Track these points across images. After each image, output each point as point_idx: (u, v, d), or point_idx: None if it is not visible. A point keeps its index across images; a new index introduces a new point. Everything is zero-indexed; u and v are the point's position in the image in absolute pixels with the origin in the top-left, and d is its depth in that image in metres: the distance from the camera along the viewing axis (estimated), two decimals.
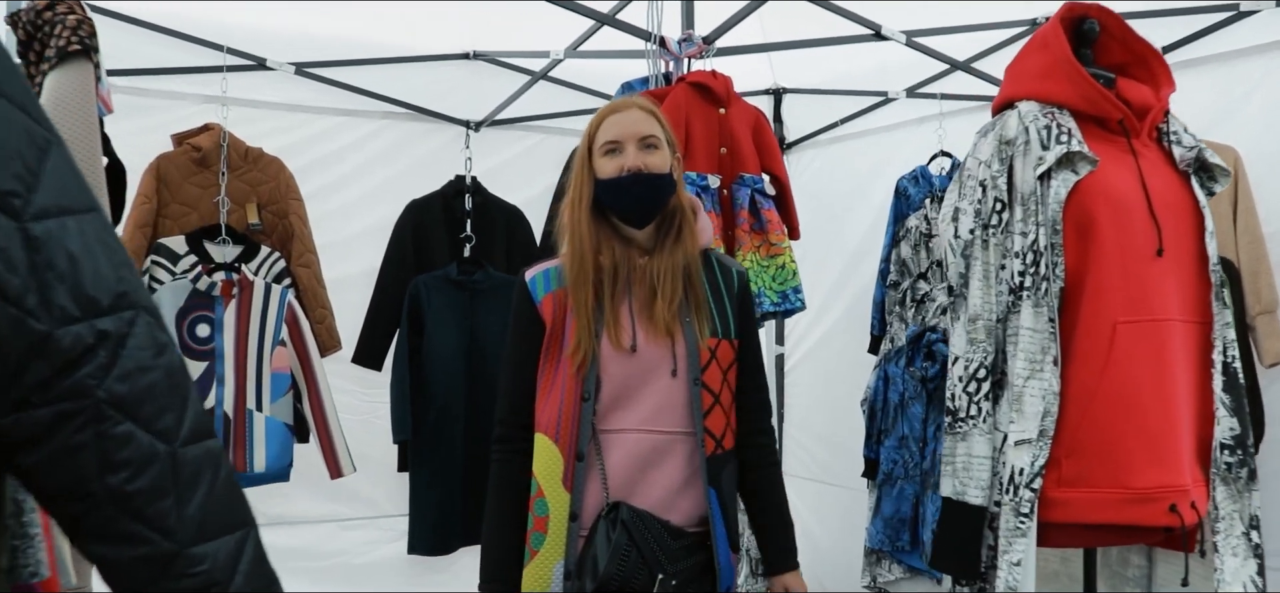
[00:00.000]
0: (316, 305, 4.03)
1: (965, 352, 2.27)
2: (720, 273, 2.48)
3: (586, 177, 2.40)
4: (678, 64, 3.47)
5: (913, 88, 4.62)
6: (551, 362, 2.36)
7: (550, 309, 2.37)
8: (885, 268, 4.55)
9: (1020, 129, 2.28)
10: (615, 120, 2.40)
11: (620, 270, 2.36)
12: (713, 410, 2.36)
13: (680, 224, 2.41)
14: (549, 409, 2.33)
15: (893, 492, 4.30)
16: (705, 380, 2.35)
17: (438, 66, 4.41)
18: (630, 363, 2.31)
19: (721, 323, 2.41)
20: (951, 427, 2.28)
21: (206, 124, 3.98)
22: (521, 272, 2.46)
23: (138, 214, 3.78)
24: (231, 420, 3.77)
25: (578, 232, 2.38)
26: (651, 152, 2.38)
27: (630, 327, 2.33)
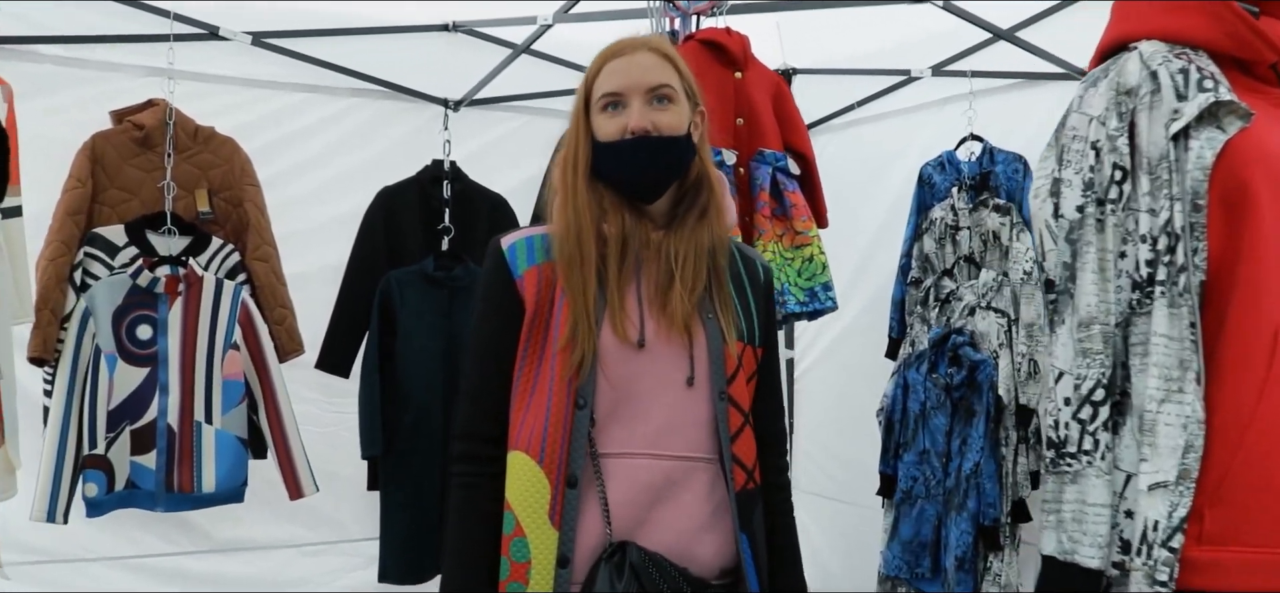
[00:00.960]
0: (275, 304, 3.60)
1: (1074, 366, 1.69)
2: (743, 264, 2.00)
3: (583, 136, 1.88)
4: (685, 21, 2.92)
5: (939, 65, 4.17)
6: (533, 357, 1.85)
7: (533, 287, 1.86)
8: (906, 263, 4.16)
9: (1144, 75, 1.69)
10: (618, 67, 1.87)
11: (630, 244, 1.86)
12: (742, 433, 1.88)
13: (707, 198, 1.91)
14: (531, 420, 1.81)
15: (912, 513, 3.92)
16: (732, 394, 1.86)
17: (413, 39, 4.00)
18: (636, 363, 1.82)
19: (747, 325, 1.93)
20: (1056, 464, 1.69)
21: (150, 99, 3.55)
22: (496, 238, 1.92)
23: (69, 200, 3.35)
24: (177, 434, 3.37)
25: (574, 200, 1.86)
26: (664, 107, 1.87)
27: (638, 316, 1.84)
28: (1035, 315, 3.71)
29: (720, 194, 1.94)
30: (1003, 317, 3.77)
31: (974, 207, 3.95)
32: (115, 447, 3.28)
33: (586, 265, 1.83)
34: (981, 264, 3.92)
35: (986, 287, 3.83)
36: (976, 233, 3.94)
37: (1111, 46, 1.83)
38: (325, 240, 3.93)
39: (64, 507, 3.22)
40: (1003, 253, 3.85)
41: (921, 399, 3.90)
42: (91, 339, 3.28)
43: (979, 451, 3.71)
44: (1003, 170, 3.98)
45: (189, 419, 3.37)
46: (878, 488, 4.06)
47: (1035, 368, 3.69)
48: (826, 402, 4.83)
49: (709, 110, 2.71)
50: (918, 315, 4.07)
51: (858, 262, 4.56)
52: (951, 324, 3.90)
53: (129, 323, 3.34)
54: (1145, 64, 1.70)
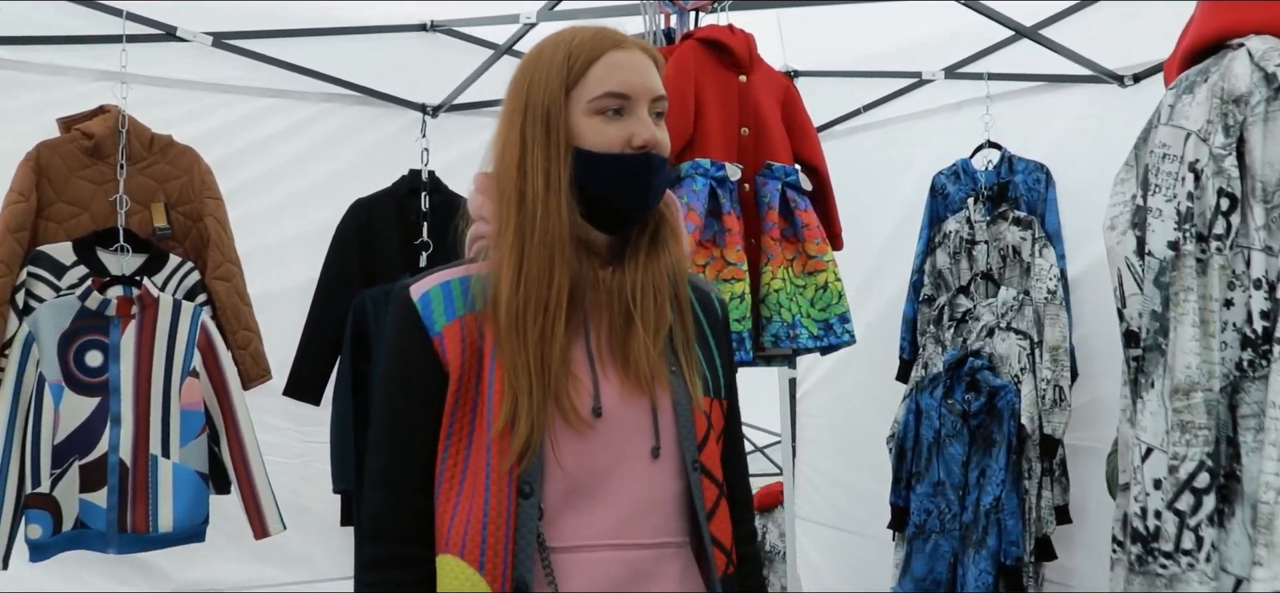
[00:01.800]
0: (239, 327, 3.35)
1: (1169, 442, 1.33)
2: (698, 302, 1.66)
3: (558, 140, 1.50)
4: (682, 18, 2.58)
5: (954, 66, 3.88)
6: (460, 434, 1.49)
7: (456, 347, 1.49)
8: (918, 279, 3.90)
9: (1256, 78, 1.34)
10: (622, 63, 1.52)
11: (578, 291, 1.50)
12: (718, 509, 1.57)
13: (658, 222, 1.57)
14: (465, 514, 1.46)
15: (925, 548, 3.67)
16: (705, 463, 1.55)
17: (387, 39, 3.78)
18: (591, 437, 1.48)
19: (711, 375, 1.60)
20: (1144, 563, 1.33)
21: (101, 106, 3.29)
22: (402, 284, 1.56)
23: (10, 215, 3.09)
24: (130, 469, 3.12)
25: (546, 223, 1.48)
26: (659, 123, 1.55)
27: (591, 380, 1.48)
28: (1060, 338, 3.45)
29: (672, 216, 1.59)
30: (1025, 338, 3.51)
31: (991, 219, 3.68)
32: (62, 484, 3.01)
33: (551, 316, 1.47)
34: (1000, 281, 3.66)
35: (1006, 306, 3.55)
36: (994, 247, 3.67)
37: (1203, 44, 1.48)
38: (293, 257, 3.69)
39: (3, 550, 2.95)
40: (1024, 269, 3.58)
41: (935, 426, 3.65)
42: (35, 367, 3.01)
43: (999, 484, 3.46)
44: (1023, 180, 3.71)
45: (144, 453, 3.11)
46: (888, 520, 3.79)
47: (1060, 394, 3.44)
48: (831, 425, 4.57)
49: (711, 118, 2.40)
50: (931, 335, 3.81)
51: (865, 277, 4.29)
52: (968, 346, 3.63)
53: (77, 349, 3.08)
54: (1257, 65, 1.35)
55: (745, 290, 2.45)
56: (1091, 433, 3.49)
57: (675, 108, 2.41)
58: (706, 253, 2.42)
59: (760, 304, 2.52)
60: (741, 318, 2.43)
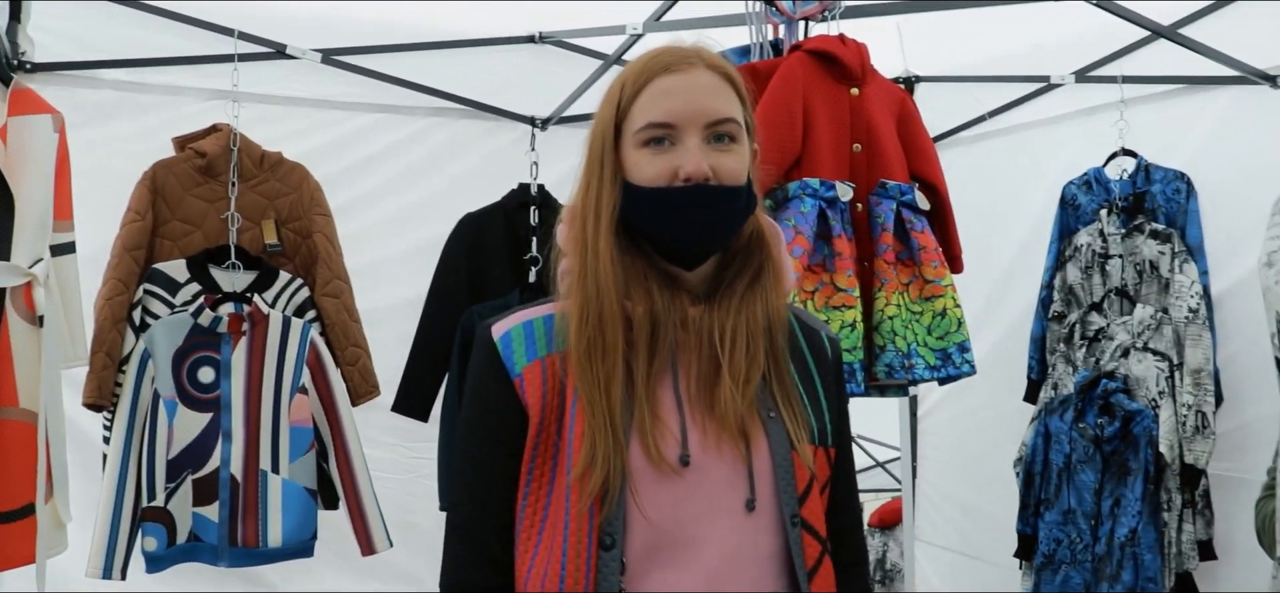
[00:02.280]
0: (347, 343, 3.34)
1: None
2: (806, 340, 1.53)
3: (608, 177, 1.43)
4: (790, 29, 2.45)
5: (1084, 69, 3.69)
6: (541, 479, 1.41)
7: (537, 388, 1.42)
8: (1047, 296, 3.74)
9: None
10: (669, 88, 1.41)
11: (662, 326, 1.40)
12: (821, 567, 1.44)
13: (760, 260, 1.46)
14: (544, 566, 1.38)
15: (1055, 579, 3.51)
16: (806, 518, 1.42)
17: (496, 52, 3.79)
18: (678, 486, 1.38)
19: (817, 421, 1.47)
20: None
21: (214, 125, 3.33)
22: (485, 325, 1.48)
23: (128, 234, 3.14)
24: (241, 485, 3.14)
25: (594, 267, 1.41)
26: (726, 147, 1.42)
27: (678, 425, 1.39)
28: (1203, 360, 3.25)
29: (777, 253, 1.48)
30: (1163, 360, 3.32)
31: (1127, 232, 3.49)
32: (176, 498, 3.05)
33: (610, 358, 1.38)
34: (1136, 298, 3.47)
35: (1143, 324, 3.37)
36: (1130, 262, 3.48)
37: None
38: (402, 273, 3.71)
39: (122, 562, 2.99)
40: (1162, 286, 3.39)
41: (1066, 451, 3.49)
42: (150, 383, 3.04)
43: (1135, 515, 3.29)
44: (1161, 190, 3.52)
45: (254, 468, 3.14)
46: (1015, 548, 3.63)
47: (1203, 421, 3.25)
48: (954, 445, 4.42)
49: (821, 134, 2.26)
50: (1061, 354, 3.64)
51: (989, 293, 4.13)
52: (1101, 367, 3.45)
53: (190, 365, 3.11)
54: None
55: (857, 319, 2.30)
56: (1240, 463, 3.28)
57: (782, 124, 2.29)
58: (815, 279, 2.28)
59: (873, 332, 2.37)
60: (852, 348, 2.28)
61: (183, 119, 3.37)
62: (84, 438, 3.19)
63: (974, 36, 3.80)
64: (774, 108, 2.29)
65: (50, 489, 2.69)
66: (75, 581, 3.04)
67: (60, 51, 3.24)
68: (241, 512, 3.11)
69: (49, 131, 2.74)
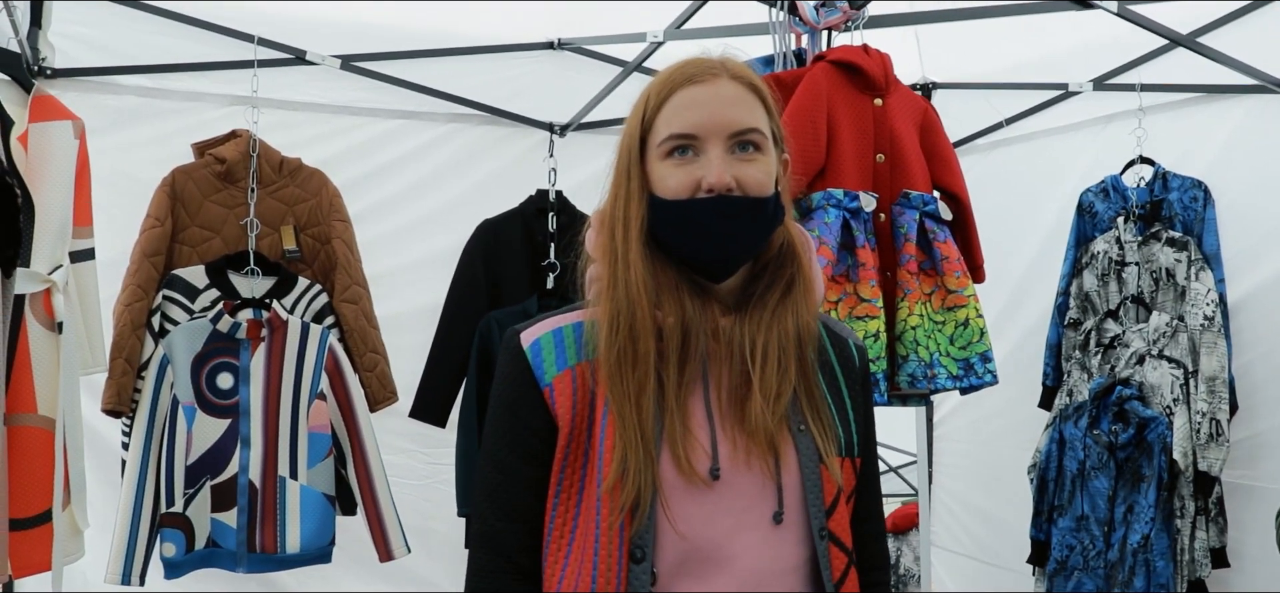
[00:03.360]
0: (366, 349, 3.33)
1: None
2: (834, 350, 1.52)
3: (636, 189, 1.41)
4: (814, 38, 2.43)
5: (1102, 77, 3.66)
6: (570, 489, 1.40)
7: (567, 398, 1.40)
8: (1063, 302, 3.71)
9: None
10: (693, 99, 1.39)
11: (693, 337, 1.39)
12: (847, 578, 1.44)
13: (791, 272, 1.44)
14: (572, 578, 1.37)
15: (1067, 585, 3.50)
16: (833, 530, 1.43)
17: (514, 59, 3.78)
18: (708, 500, 1.37)
19: (844, 433, 1.46)
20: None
21: (233, 131, 3.32)
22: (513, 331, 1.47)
23: (147, 240, 3.13)
24: (259, 491, 3.14)
25: (625, 277, 1.39)
26: (750, 156, 1.40)
27: (708, 438, 1.38)
28: (1218, 368, 3.23)
29: (808, 264, 1.46)
30: (1178, 367, 3.30)
31: (1143, 240, 3.46)
32: (195, 504, 3.04)
33: (641, 368, 1.36)
34: (1152, 306, 3.44)
35: (1158, 332, 3.34)
36: (1146, 269, 3.46)
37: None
38: (420, 279, 3.70)
39: (140, 568, 2.98)
40: (1178, 294, 3.36)
41: (1080, 458, 3.46)
42: (169, 389, 3.03)
43: (1149, 521, 3.27)
44: (1178, 198, 3.49)
45: (272, 474, 3.13)
46: (1028, 554, 3.60)
47: (1217, 428, 3.22)
48: (969, 451, 4.39)
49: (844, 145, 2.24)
50: (1076, 361, 3.61)
51: (1007, 299, 4.10)
52: (1116, 374, 3.43)
53: (209, 371, 3.10)
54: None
55: (880, 329, 2.29)
56: (1254, 471, 3.26)
57: (805, 135, 2.28)
58: (839, 289, 2.27)
59: (896, 342, 2.36)
60: (876, 358, 2.27)
61: (202, 125, 3.36)
62: (103, 444, 3.20)
63: (992, 44, 3.74)
64: (798, 118, 2.28)
65: (68, 496, 2.69)
66: (94, 586, 3.03)
67: (81, 57, 3.23)
68: (260, 518, 3.10)
69: (69, 138, 2.74)
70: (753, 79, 1.45)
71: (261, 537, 3.09)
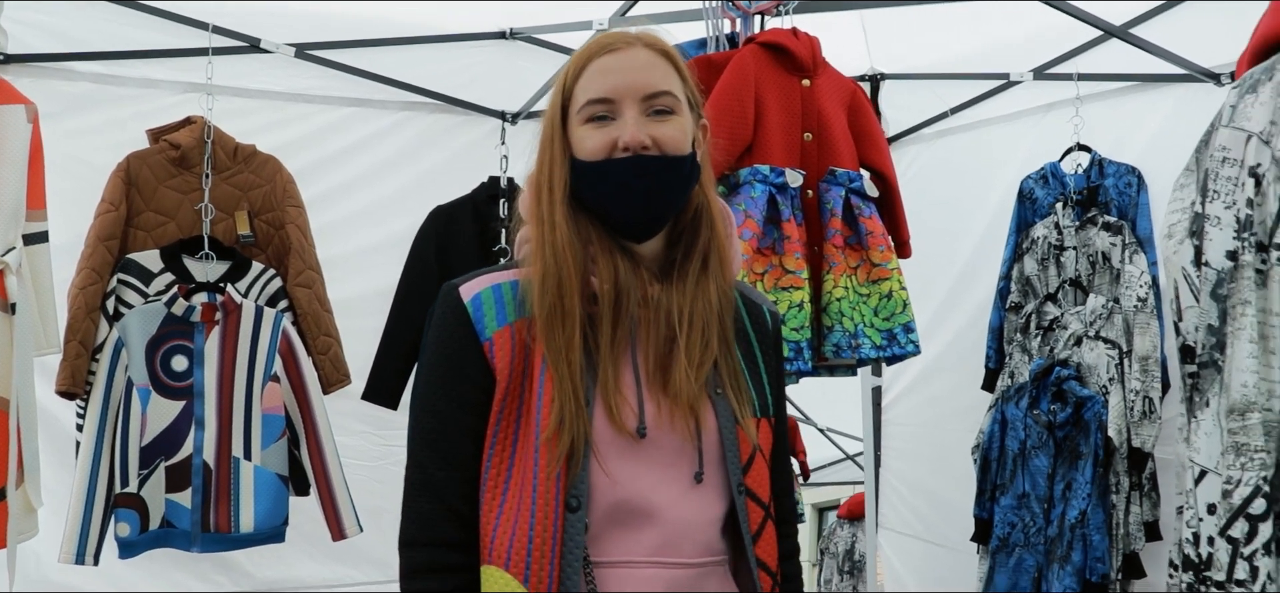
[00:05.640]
0: (319, 332, 3.35)
1: (1223, 465, 1.24)
2: (749, 316, 1.60)
3: (559, 152, 1.50)
4: (746, 22, 2.51)
5: (1042, 67, 3.73)
6: (505, 442, 1.46)
7: (506, 353, 1.46)
8: (1004, 287, 3.75)
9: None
10: (607, 66, 1.48)
11: (625, 300, 1.46)
12: (764, 531, 1.53)
13: (709, 241, 1.51)
14: (510, 525, 1.42)
15: (1009, 562, 3.54)
16: (750, 486, 1.51)
17: (467, 48, 3.79)
18: (635, 456, 1.45)
19: (758, 395, 1.54)
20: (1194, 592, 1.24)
21: (188, 117, 3.33)
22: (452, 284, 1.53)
23: (102, 224, 3.14)
24: (213, 471, 3.14)
25: (552, 236, 1.46)
26: (664, 119, 1.47)
27: (635, 398, 1.45)
28: (1151, 347, 3.29)
29: (723, 234, 1.54)
30: (1114, 348, 3.36)
31: (1081, 224, 3.53)
32: (149, 484, 3.06)
33: (570, 324, 1.44)
34: (1089, 289, 3.51)
35: (1095, 314, 3.41)
36: (1083, 254, 3.52)
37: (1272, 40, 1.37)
38: (373, 264, 3.71)
39: (94, 548, 3.00)
40: (1114, 277, 3.43)
41: (1021, 438, 3.53)
42: (124, 371, 3.05)
43: (1085, 497, 3.32)
44: (1113, 184, 3.56)
45: (226, 455, 3.14)
46: (972, 532, 3.66)
47: (1150, 406, 3.29)
48: (916, 435, 4.44)
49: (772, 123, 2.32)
50: (1017, 344, 3.67)
51: (952, 284, 4.16)
52: (1055, 355, 3.50)
53: (164, 353, 3.12)
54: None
55: (805, 299, 2.37)
56: None
57: (733, 113, 2.35)
58: (765, 261, 2.35)
59: (822, 313, 2.45)
60: (800, 327, 2.36)
61: (157, 112, 3.36)
62: (57, 426, 3.21)
63: (937, 34, 3.82)
64: (726, 97, 2.36)
65: (21, 475, 2.70)
66: (47, 565, 3.06)
67: (35, 44, 3.23)
68: (214, 498, 3.11)
69: (22, 122, 2.75)
70: (665, 47, 1.53)
71: (216, 517, 3.10)
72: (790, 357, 2.34)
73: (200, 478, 3.10)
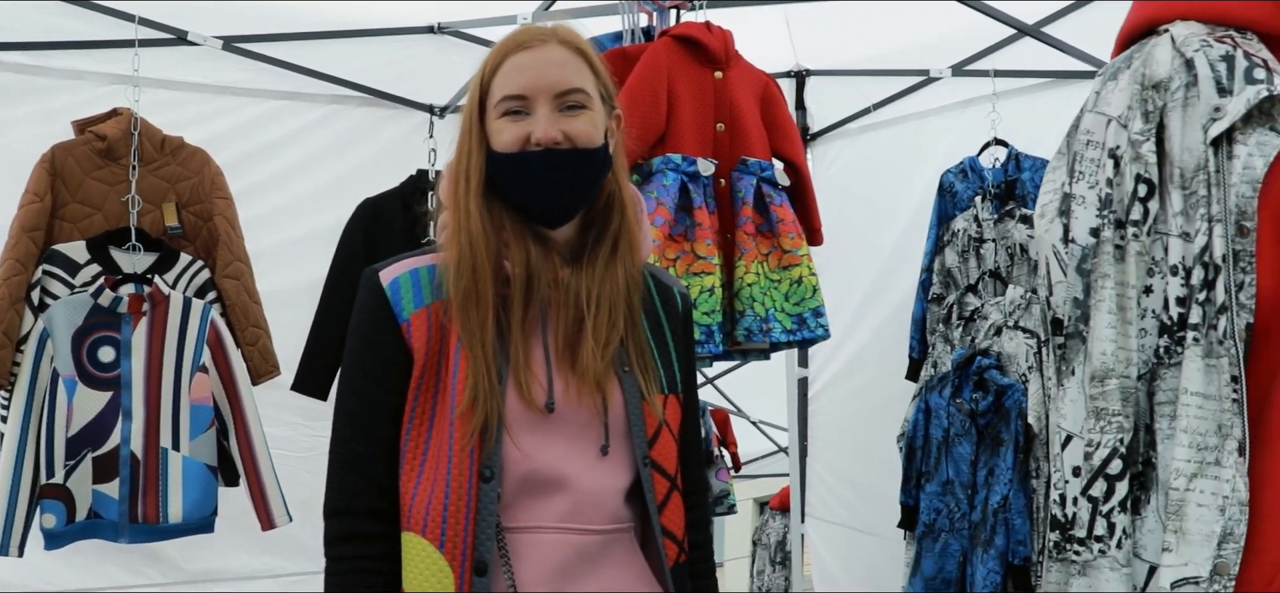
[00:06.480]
0: (248, 324, 3.36)
1: (1085, 429, 1.32)
2: (658, 296, 1.68)
3: (476, 144, 1.55)
4: (661, 16, 2.57)
5: (960, 64, 3.84)
6: (422, 417, 1.53)
7: (423, 333, 1.53)
8: (926, 279, 3.81)
9: (1176, 64, 1.33)
10: (521, 63, 1.54)
11: (536, 283, 1.54)
12: (670, 501, 1.61)
13: (619, 227, 1.58)
14: (426, 495, 1.49)
15: (934, 547, 3.58)
16: (656, 459, 1.59)
17: (395, 41, 3.79)
18: (545, 429, 1.53)
19: (667, 372, 1.62)
20: (1061, 549, 1.32)
21: (114, 109, 3.32)
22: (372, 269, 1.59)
23: (26, 215, 3.13)
24: (141, 462, 3.14)
25: (467, 223, 1.53)
26: (576, 114, 1.54)
27: (545, 375, 1.53)
28: None
29: (633, 219, 1.61)
30: (1032, 337, 3.43)
31: (999, 217, 3.62)
32: (75, 475, 3.05)
33: (484, 307, 1.50)
34: (1008, 279, 3.59)
35: (1013, 304, 3.49)
36: (1002, 245, 3.60)
37: (1137, 30, 1.46)
38: (302, 256, 3.71)
39: (19, 538, 3.00)
40: (1031, 267, 3.52)
41: (944, 426, 3.58)
42: (49, 362, 3.05)
43: (1007, 483, 3.39)
44: (1030, 177, 3.65)
45: (154, 446, 3.14)
46: (899, 519, 3.72)
47: None
48: (842, 425, 4.52)
49: (684, 113, 2.38)
50: (940, 335, 3.73)
51: (876, 276, 4.24)
52: (976, 345, 3.55)
53: (90, 345, 3.11)
54: (1178, 50, 1.33)
55: (716, 284, 2.44)
56: None
57: (645, 103, 2.41)
58: (677, 247, 2.42)
59: (734, 298, 2.52)
60: (711, 311, 2.43)
61: (84, 103, 3.34)
62: None
63: (860, 33, 3.89)
64: (638, 88, 2.42)
65: None
66: None
67: None
68: (142, 489, 3.11)
69: None
70: (579, 44, 1.59)
71: (144, 507, 3.10)
72: (702, 339, 2.41)
73: (128, 469, 3.09)
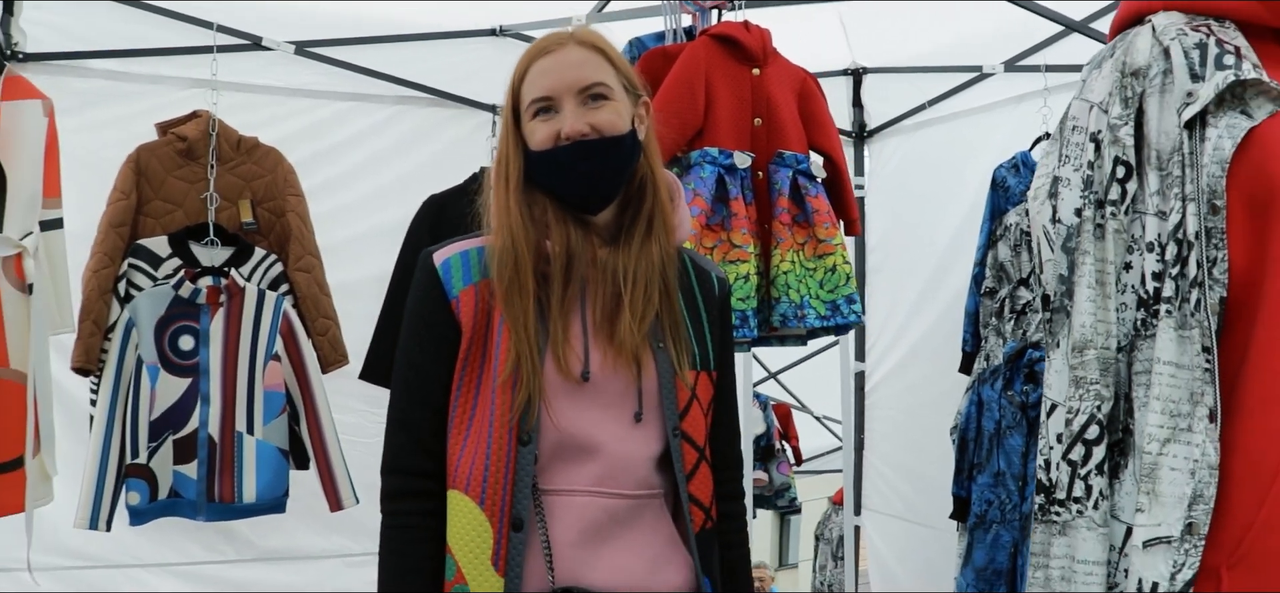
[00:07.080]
0: (318, 315, 3.47)
1: (1067, 397, 1.39)
2: (696, 279, 1.78)
3: (514, 145, 1.69)
4: (703, 16, 2.66)
5: (1012, 60, 3.87)
6: (469, 385, 1.66)
7: (470, 309, 1.66)
8: (979, 273, 3.83)
9: (1155, 52, 1.40)
10: (545, 67, 1.67)
11: (575, 262, 1.66)
12: (698, 470, 1.71)
13: (653, 207, 1.70)
14: (470, 457, 1.62)
15: (986, 538, 3.60)
16: (686, 430, 1.69)
17: (459, 44, 3.89)
18: (580, 398, 1.64)
19: (700, 349, 1.72)
20: (1044, 512, 1.40)
21: (194, 111, 3.46)
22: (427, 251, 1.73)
23: (113, 212, 3.28)
24: (218, 445, 3.27)
25: (506, 219, 1.66)
26: (599, 105, 1.66)
27: (582, 346, 1.65)
28: None
29: (667, 200, 1.72)
30: None
31: None
32: (158, 456, 3.20)
33: (525, 295, 1.63)
34: None
35: None
36: None
37: (1127, 20, 1.53)
38: (370, 251, 3.81)
39: (107, 514, 3.15)
40: None
41: (996, 418, 3.59)
42: (134, 350, 3.20)
43: None
44: None
45: (230, 430, 3.28)
46: (951, 510, 3.75)
47: None
48: (898, 418, 4.55)
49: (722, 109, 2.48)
50: (992, 328, 3.77)
51: (931, 271, 4.27)
52: (1028, 338, 3.58)
53: (171, 334, 3.26)
54: (1157, 39, 1.41)
55: (750, 271, 2.54)
56: None
57: (682, 99, 2.52)
58: (714, 236, 2.52)
59: (770, 285, 2.61)
60: (746, 297, 2.52)
61: (165, 106, 3.48)
62: (71, 401, 3.32)
63: (914, 28, 3.93)
64: (676, 86, 2.52)
65: (38, 444, 2.85)
66: (63, 530, 3.18)
67: (50, 43, 3.37)
68: (218, 470, 3.24)
69: (39, 115, 2.91)
70: (596, 41, 1.71)
71: (220, 488, 3.23)
72: (737, 324, 2.50)
73: (205, 451, 3.23)
